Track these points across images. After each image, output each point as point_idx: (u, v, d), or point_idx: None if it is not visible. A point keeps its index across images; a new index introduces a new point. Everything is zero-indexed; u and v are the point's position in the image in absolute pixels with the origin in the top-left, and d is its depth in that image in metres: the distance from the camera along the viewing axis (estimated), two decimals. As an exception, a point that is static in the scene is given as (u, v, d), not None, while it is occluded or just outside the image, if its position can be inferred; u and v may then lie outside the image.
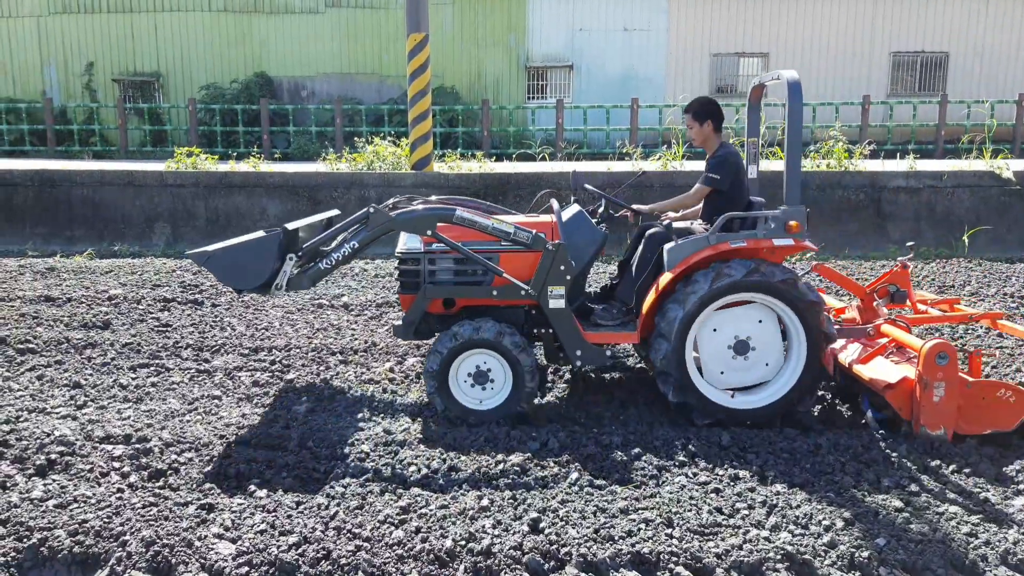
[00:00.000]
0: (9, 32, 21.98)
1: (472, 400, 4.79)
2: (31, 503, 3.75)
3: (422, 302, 4.85)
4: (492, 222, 4.72)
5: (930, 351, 4.24)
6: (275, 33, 21.47)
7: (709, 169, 5.02)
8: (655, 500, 3.77)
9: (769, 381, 4.71)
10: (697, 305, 4.52)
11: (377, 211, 4.79)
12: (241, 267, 4.77)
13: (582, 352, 4.79)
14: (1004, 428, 4.36)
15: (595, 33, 21.07)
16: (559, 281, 4.71)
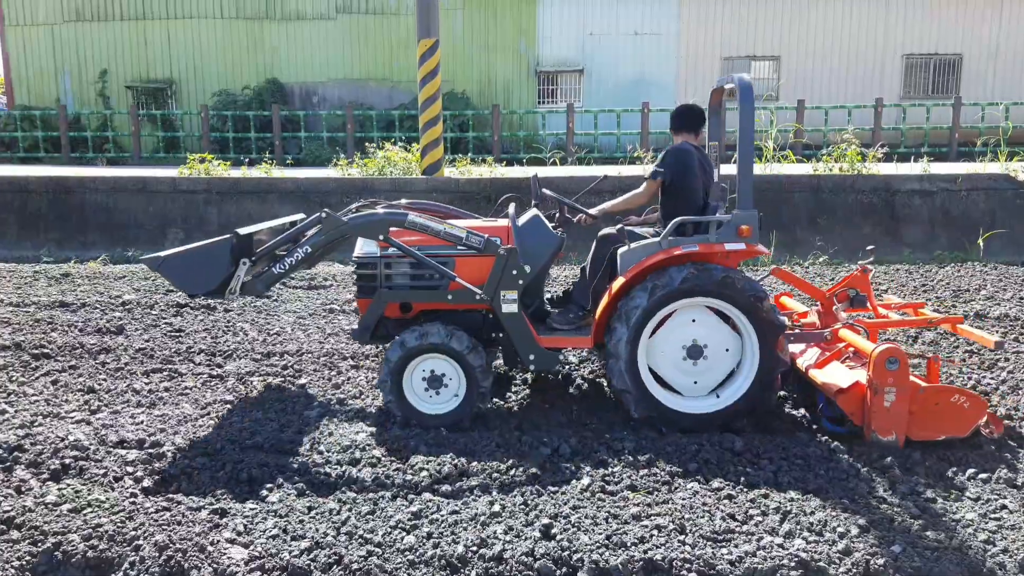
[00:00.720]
0: (24, 40, 22.22)
1: (428, 405, 4.79)
2: (46, 507, 3.77)
3: (377, 307, 4.86)
4: (444, 227, 4.73)
5: (880, 356, 4.20)
6: (287, 39, 21.60)
7: (656, 163, 5.03)
8: (667, 506, 3.75)
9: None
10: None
11: (329, 216, 4.81)
12: (194, 272, 4.78)
13: (535, 356, 4.80)
14: (958, 434, 4.32)
15: (606, 37, 21.09)
16: (511, 285, 4.71)
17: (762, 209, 10.87)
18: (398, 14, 21.14)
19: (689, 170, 4.92)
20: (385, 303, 4.87)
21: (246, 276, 4.81)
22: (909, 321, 5.27)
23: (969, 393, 4.33)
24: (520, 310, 4.76)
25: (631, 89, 20.65)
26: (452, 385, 4.77)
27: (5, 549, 3.44)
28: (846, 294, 5.39)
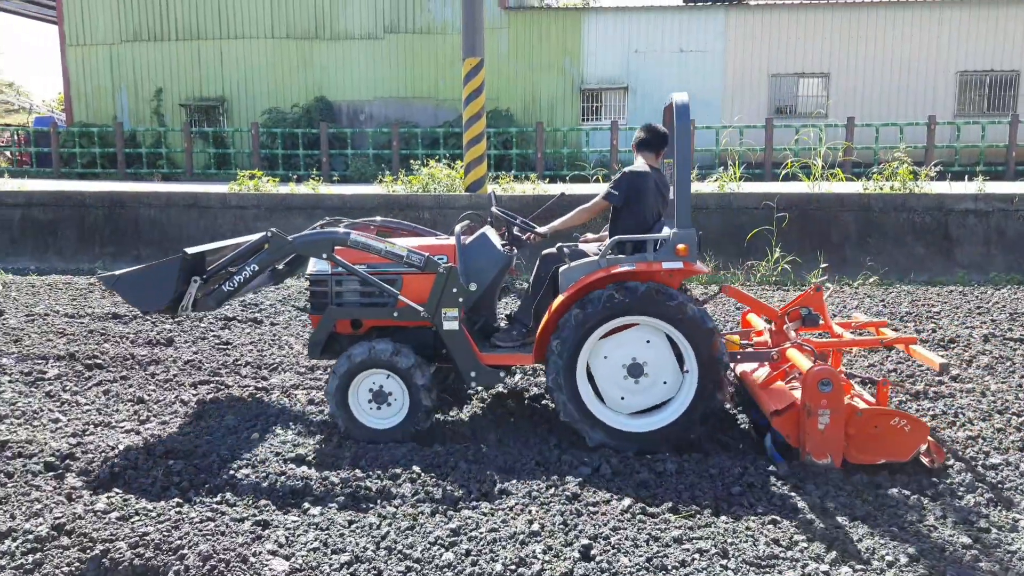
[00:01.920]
0: (83, 59, 23.05)
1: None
2: (95, 515, 3.86)
3: (327, 323, 4.96)
4: (385, 246, 4.80)
5: (812, 378, 4.13)
6: (335, 58, 22.03)
7: (611, 184, 5.01)
8: (710, 530, 3.69)
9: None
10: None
11: (275, 235, 4.92)
12: (145, 289, 4.97)
13: (476, 373, 4.84)
14: (899, 458, 4.24)
15: (651, 55, 21.07)
16: (452, 303, 4.76)
17: (810, 229, 10.80)
18: (444, 33, 21.43)
19: (641, 194, 4.94)
20: (335, 319, 4.98)
21: (198, 293, 4.97)
22: (860, 341, 5.18)
23: (911, 417, 4.22)
24: (461, 327, 4.80)
25: (676, 106, 20.56)
26: (396, 401, 4.84)
27: (55, 555, 3.53)
28: (798, 313, 5.30)
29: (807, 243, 10.56)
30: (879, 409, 4.30)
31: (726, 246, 10.71)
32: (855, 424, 4.20)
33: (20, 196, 13.26)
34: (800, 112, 20.94)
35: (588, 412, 4.61)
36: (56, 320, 8.10)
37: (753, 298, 5.61)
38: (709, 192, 11.40)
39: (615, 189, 4.92)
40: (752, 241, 10.34)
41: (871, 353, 6.51)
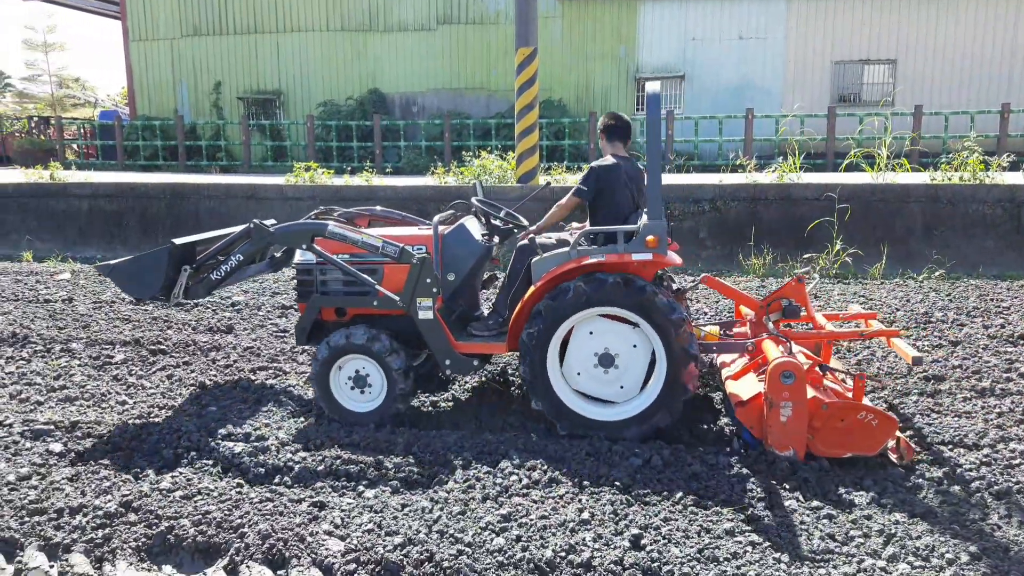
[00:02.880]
0: (146, 54, 23.71)
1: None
2: (160, 493, 4.01)
3: (312, 310, 5.13)
4: (362, 237, 4.90)
5: (774, 370, 4.11)
6: (388, 50, 22.22)
7: (580, 180, 5.06)
8: (763, 523, 3.65)
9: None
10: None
11: (257, 226, 5.08)
12: (136, 278, 5.23)
13: (451, 361, 4.94)
14: (866, 452, 4.20)
15: (708, 42, 20.70)
16: (426, 293, 4.85)
17: (874, 220, 10.53)
18: (497, 23, 21.42)
19: (612, 186, 4.99)
20: (319, 307, 5.15)
21: (188, 281, 5.21)
22: (839, 333, 5.13)
23: (878, 411, 4.17)
24: (436, 316, 4.88)
25: (734, 95, 20.21)
26: (375, 385, 4.98)
27: (123, 530, 3.68)
28: (779, 304, 5.26)
29: (870, 236, 10.29)
30: (845, 403, 4.23)
31: (784, 238, 10.51)
32: (821, 417, 4.17)
33: (87, 188, 13.77)
34: (865, 100, 20.34)
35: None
36: (122, 307, 8.40)
37: (734, 289, 5.61)
38: (768, 183, 11.18)
39: (584, 185, 4.99)
40: (812, 233, 10.12)
41: (946, 349, 6.33)
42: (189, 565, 3.52)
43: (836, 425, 4.17)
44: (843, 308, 7.68)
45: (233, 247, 5.26)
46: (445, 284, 5.02)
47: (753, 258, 10.08)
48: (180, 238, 5.30)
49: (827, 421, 4.17)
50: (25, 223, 13.56)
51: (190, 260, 5.31)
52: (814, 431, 4.19)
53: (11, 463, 4.43)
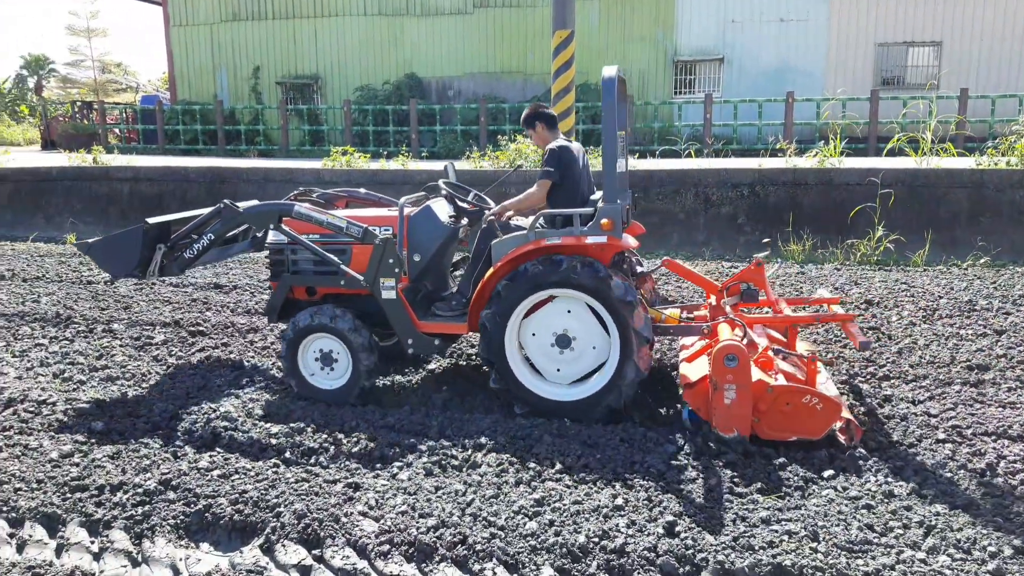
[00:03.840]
0: (186, 39, 23.98)
1: (322, 380, 5.14)
2: (198, 472, 4.08)
3: (282, 289, 5.29)
4: (327, 218, 5.02)
5: (718, 353, 4.14)
6: (425, 35, 22.19)
7: (543, 164, 5.09)
8: (800, 512, 3.60)
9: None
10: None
11: (228, 206, 5.25)
12: (113, 255, 5.41)
13: (413, 341, 5.06)
14: (811, 436, 4.21)
15: (748, 25, 20.32)
16: (389, 273, 4.96)
17: (917, 206, 10.29)
18: (534, 6, 21.24)
19: (571, 166, 5.06)
20: (289, 286, 5.30)
21: (163, 260, 5.38)
22: (796, 318, 5.14)
23: (823, 395, 4.18)
24: (399, 296, 4.98)
25: (774, 78, 19.83)
26: (341, 363, 5.08)
27: (162, 507, 3.75)
28: (737, 288, 5.31)
29: (913, 222, 10.05)
30: (790, 386, 4.22)
31: (825, 224, 10.31)
32: (766, 400, 4.19)
33: (129, 171, 14.01)
34: (909, 83, 19.82)
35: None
36: (162, 289, 8.54)
37: (693, 272, 5.63)
38: (808, 167, 10.97)
39: (550, 166, 5.03)
40: (854, 219, 9.92)
41: (991, 338, 6.18)
42: (226, 543, 3.58)
43: (782, 408, 4.19)
44: (886, 296, 7.53)
45: (205, 227, 5.41)
46: (411, 264, 5.13)
47: (792, 244, 9.92)
48: (153, 217, 5.47)
49: (773, 404, 4.19)
50: (69, 206, 13.85)
51: (164, 239, 5.46)
52: (760, 414, 4.23)
53: (54, 440, 4.54)
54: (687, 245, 10.63)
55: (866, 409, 4.80)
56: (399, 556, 3.35)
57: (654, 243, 10.59)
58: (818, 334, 6.36)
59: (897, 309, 7.03)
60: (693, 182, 10.94)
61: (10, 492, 3.91)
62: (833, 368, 5.50)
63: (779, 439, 4.25)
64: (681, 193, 10.94)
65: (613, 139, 4.54)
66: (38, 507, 3.77)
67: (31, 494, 3.90)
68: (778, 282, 8.26)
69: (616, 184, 4.59)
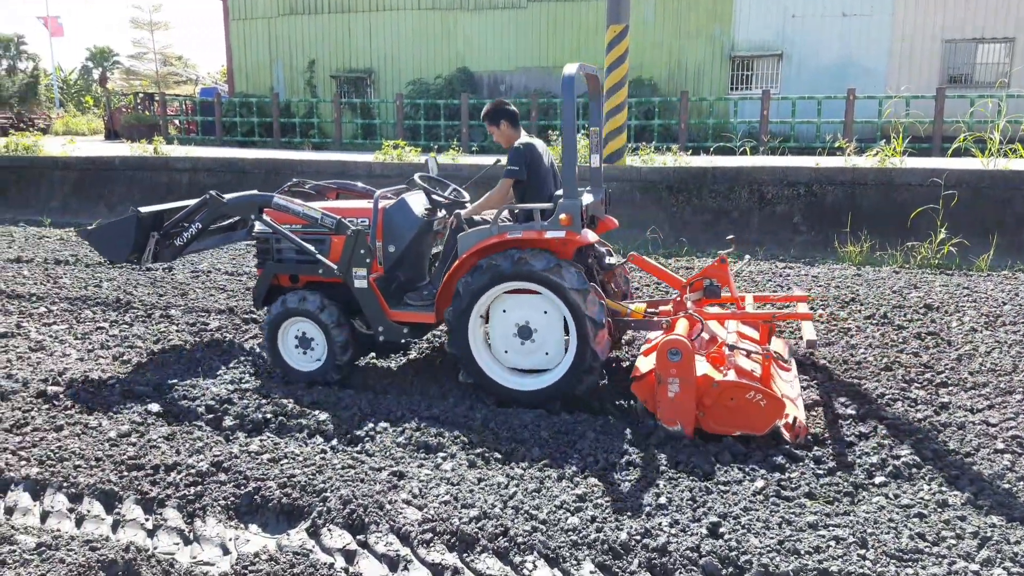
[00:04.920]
0: (245, 33, 24.47)
1: (301, 362, 5.36)
2: (248, 455, 4.17)
3: (266, 277, 5.55)
4: (303, 208, 5.24)
5: (662, 347, 4.23)
6: (478, 29, 22.24)
7: (507, 163, 5.22)
8: (848, 518, 3.52)
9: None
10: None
11: (213, 197, 5.53)
12: (108, 242, 5.76)
13: (383, 328, 5.21)
14: (755, 431, 4.26)
15: (809, 19, 19.88)
16: (360, 263, 5.13)
17: (982, 209, 9.96)
18: (589, 0, 21.12)
19: (536, 162, 5.20)
20: (272, 274, 5.55)
21: (156, 247, 5.68)
22: (755, 315, 5.22)
23: (767, 392, 4.22)
24: (370, 285, 5.15)
25: (835, 74, 19.36)
26: (318, 345, 5.29)
27: (214, 488, 3.85)
28: (701, 283, 5.38)
29: (977, 225, 9.72)
30: (736, 382, 4.27)
31: (884, 225, 10.04)
32: (711, 395, 4.25)
33: (187, 162, 14.37)
34: (977, 81, 19.17)
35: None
36: (218, 277, 8.75)
37: (657, 267, 5.72)
38: (868, 167, 10.69)
39: (514, 165, 5.16)
40: (915, 221, 9.64)
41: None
42: (274, 525, 3.66)
43: (726, 403, 4.25)
44: (946, 300, 7.31)
45: (194, 216, 5.68)
46: (386, 255, 5.30)
47: (850, 245, 9.69)
48: (146, 207, 5.75)
49: (717, 399, 4.25)
50: (130, 194, 14.26)
51: (158, 227, 5.74)
52: (705, 408, 4.29)
53: (113, 421, 4.70)
54: (740, 244, 10.44)
55: (921, 416, 4.67)
56: (441, 545, 3.39)
57: (706, 241, 10.46)
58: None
59: (958, 315, 6.82)
60: (747, 180, 10.76)
61: (70, 468, 4.06)
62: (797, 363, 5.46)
63: (723, 433, 4.31)
64: (735, 191, 10.77)
65: (572, 136, 4.64)
66: (96, 484, 3.91)
67: (90, 471, 4.04)
68: (831, 282, 8.07)
69: (575, 180, 4.70)
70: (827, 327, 6.49)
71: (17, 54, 51.45)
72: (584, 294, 4.62)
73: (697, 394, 4.26)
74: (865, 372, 5.44)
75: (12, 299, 7.66)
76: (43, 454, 4.22)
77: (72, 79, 52.83)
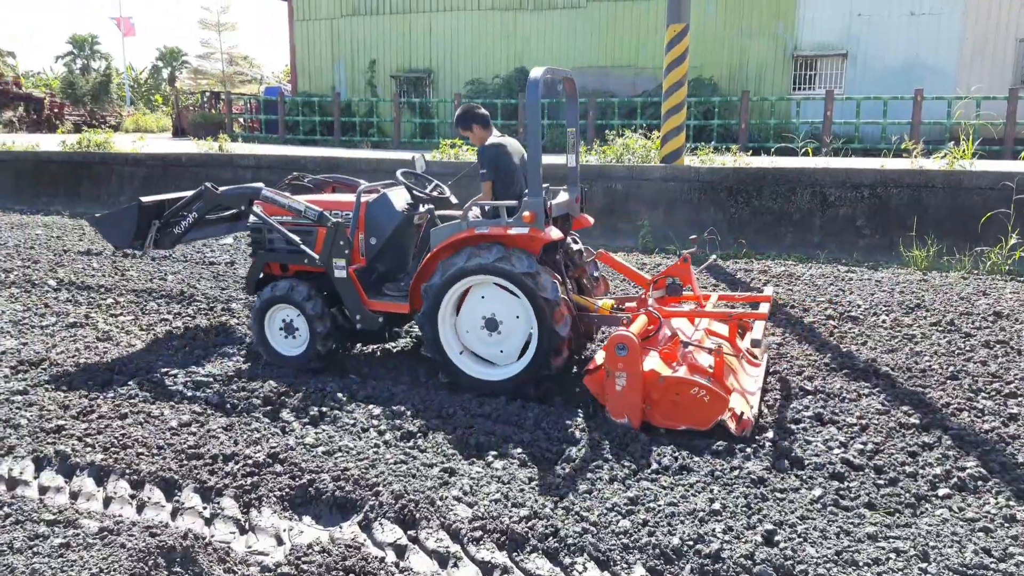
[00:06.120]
0: (308, 33, 24.94)
1: (286, 347, 5.60)
2: (304, 448, 4.25)
3: (257, 265, 5.85)
4: (289, 201, 5.51)
5: (610, 342, 4.38)
6: (537, 29, 22.23)
7: (479, 166, 5.39)
8: (910, 531, 3.41)
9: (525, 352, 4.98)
10: (437, 292, 4.99)
11: (208, 189, 5.86)
12: (114, 229, 6.11)
13: (360, 316, 5.45)
14: (698, 426, 4.37)
15: (876, 18, 19.33)
16: (340, 254, 5.38)
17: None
18: (648, 0, 20.93)
19: (504, 161, 5.34)
20: (263, 263, 5.85)
21: (156, 234, 6.00)
22: (712, 313, 5.33)
23: (710, 388, 4.36)
24: (349, 275, 5.38)
25: (902, 75, 18.78)
26: (302, 331, 5.51)
27: (270, 479, 3.93)
28: (664, 282, 5.51)
29: (1050, 229, 9.31)
30: (681, 378, 4.43)
31: (952, 230, 9.70)
32: (658, 390, 4.40)
33: (251, 159, 14.71)
34: (1052, 81, 18.41)
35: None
36: (278, 271, 8.92)
37: (626, 265, 5.87)
38: (936, 169, 10.33)
39: (482, 168, 5.33)
40: (985, 226, 9.28)
41: None
42: (327, 517, 3.71)
43: (671, 398, 4.40)
44: (1017, 308, 7.03)
45: (191, 206, 5.99)
46: (368, 247, 5.53)
47: (915, 250, 9.38)
48: (147, 196, 6.05)
49: (663, 394, 4.40)
50: (197, 190, 14.66)
51: (159, 216, 6.04)
52: (652, 402, 4.44)
53: (175, 410, 4.83)
54: (801, 246, 10.24)
55: (988, 427, 4.49)
56: (491, 543, 3.39)
57: (766, 244, 10.26)
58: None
59: (1030, 323, 6.54)
60: (809, 181, 10.50)
61: (133, 456, 4.19)
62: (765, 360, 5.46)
63: (670, 428, 4.43)
64: (796, 192, 10.53)
65: (536, 137, 4.82)
66: (157, 471, 4.02)
67: (151, 459, 4.16)
68: (896, 287, 7.82)
69: (540, 179, 4.87)
70: (891, 334, 6.30)
71: (91, 53, 53.42)
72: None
73: (645, 388, 4.41)
74: (930, 380, 5.26)
75: (82, 290, 7.95)
76: (107, 441, 4.36)
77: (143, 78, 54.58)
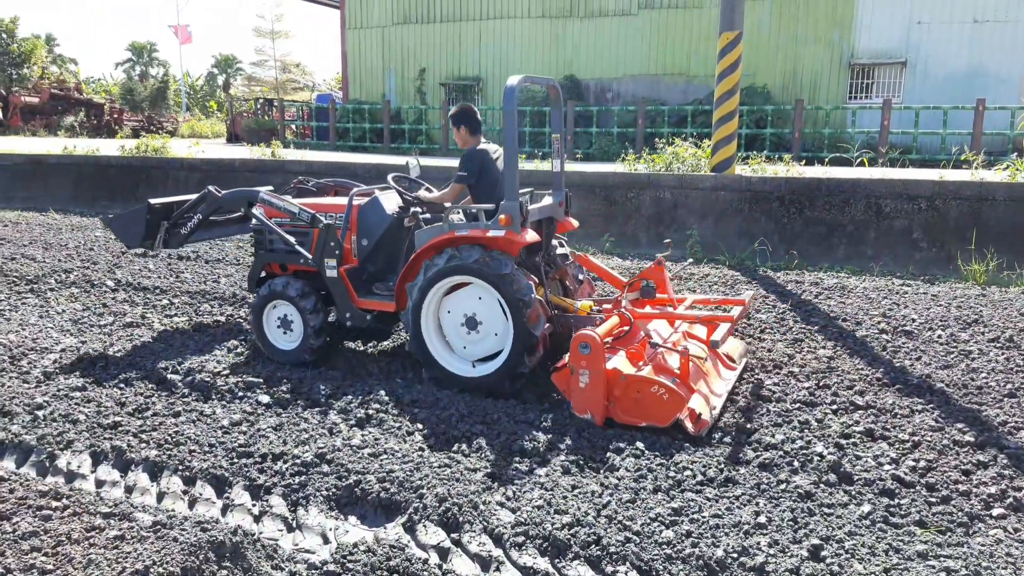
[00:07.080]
0: (360, 41, 25.34)
1: (283, 342, 5.87)
2: (351, 449, 4.31)
3: (257, 264, 6.15)
4: (284, 203, 5.81)
5: (574, 341, 4.58)
6: (587, 36, 22.23)
7: (459, 167, 5.58)
8: (961, 550, 3.32)
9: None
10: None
11: (211, 192, 6.20)
12: (125, 229, 6.43)
13: (350, 314, 5.71)
14: (659, 423, 4.49)
15: (936, 26, 18.87)
16: (331, 254, 5.65)
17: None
18: (701, 7, 20.75)
19: (487, 166, 5.54)
20: (263, 262, 6.14)
21: (165, 235, 6.33)
22: (683, 315, 5.45)
23: (669, 387, 4.49)
24: (340, 275, 5.63)
25: (963, 84, 18.29)
26: (296, 326, 5.78)
27: (317, 479, 4.00)
28: (638, 284, 5.66)
29: (1118, 243, 8.97)
30: (641, 376, 4.57)
31: (1013, 244, 9.40)
32: (620, 387, 4.56)
33: (302, 165, 14.96)
34: (1122, 90, 17.74)
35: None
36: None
37: (601, 267, 6.15)
38: (997, 181, 10.02)
39: (463, 171, 5.54)
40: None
41: None
42: (372, 518, 3.76)
43: (633, 396, 4.55)
44: None
45: (195, 208, 6.32)
46: (360, 248, 5.78)
47: (974, 263, 9.12)
48: (156, 198, 6.39)
49: (625, 391, 4.56)
50: (250, 195, 15.00)
51: (168, 217, 6.35)
52: (615, 399, 4.60)
53: (226, 409, 4.95)
54: (854, 258, 10.03)
55: (1050, 447, 4.34)
56: (533, 549, 3.40)
57: (818, 255, 10.08)
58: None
59: (1095, 340, 6.30)
60: (864, 192, 10.29)
61: (185, 452, 4.31)
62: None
63: (631, 424, 4.56)
64: (850, 203, 10.33)
65: (513, 144, 4.98)
66: (209, 468, 4.13)
67: (203, 456, 4.27)
68: (953, 301, 7.61)
69: (516, 184, 5.02)
70: (946, 349, 6.14)
71: (149, 60, 55.12)
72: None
73: (608, 386, 4.58)
74: (986, 398, 5.11)
75: (138, 291, 8.19)
76: (161, 438, 4.49)
77: (199, 85, 56.08)
